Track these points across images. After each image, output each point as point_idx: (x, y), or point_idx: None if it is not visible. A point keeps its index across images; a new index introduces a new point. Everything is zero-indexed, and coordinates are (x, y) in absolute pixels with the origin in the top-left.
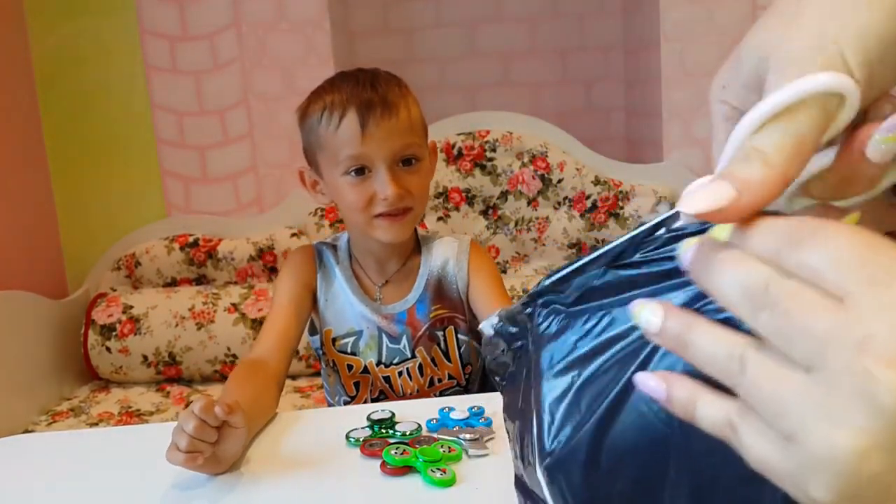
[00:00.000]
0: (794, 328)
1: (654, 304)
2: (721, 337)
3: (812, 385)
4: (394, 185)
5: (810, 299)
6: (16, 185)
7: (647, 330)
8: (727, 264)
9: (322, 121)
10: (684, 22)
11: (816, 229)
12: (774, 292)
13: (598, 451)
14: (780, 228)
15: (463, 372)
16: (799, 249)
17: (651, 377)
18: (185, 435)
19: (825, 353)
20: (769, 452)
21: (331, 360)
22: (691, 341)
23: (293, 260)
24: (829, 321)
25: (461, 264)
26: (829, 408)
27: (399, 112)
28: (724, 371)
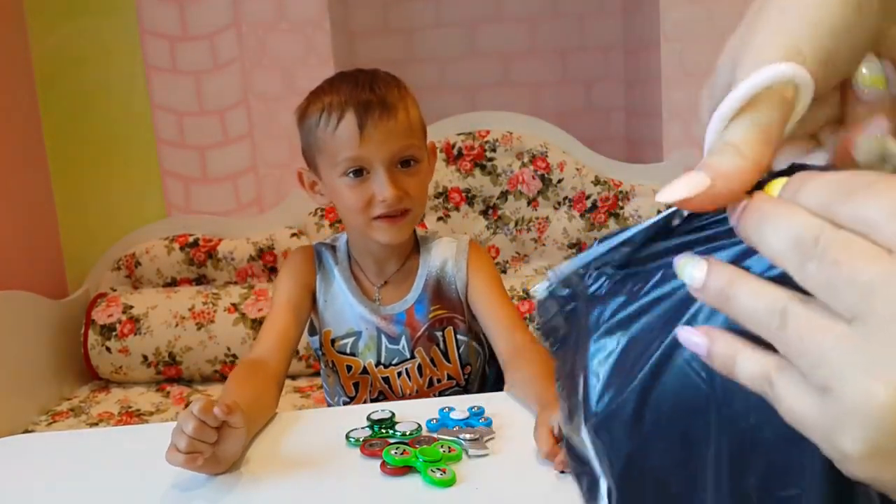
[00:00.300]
0: (841, 277)
1: (697, 259)
2: (763, 291)
3: (853, 335)
4: (392, 186)
5: (860, 249)
6: (16, 185)
7: (691, 285)
8: (779, 217)
9: (320, 122)
10: (684, 22)
11: (871, 182)
12: (824, 243)
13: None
14: (834, 181)
15: (462, 372)
16: (852, 201)
17: (693, 332)
18: (185, 436)
19: (870, 302)
20: (803, 404)
21: (330, 361)
22: (733, 296)
23: (292, 260)
24: (877, 269)
25: (460, 265)
26: (868, 358)
27: (398, 113)
28: (765, 325)
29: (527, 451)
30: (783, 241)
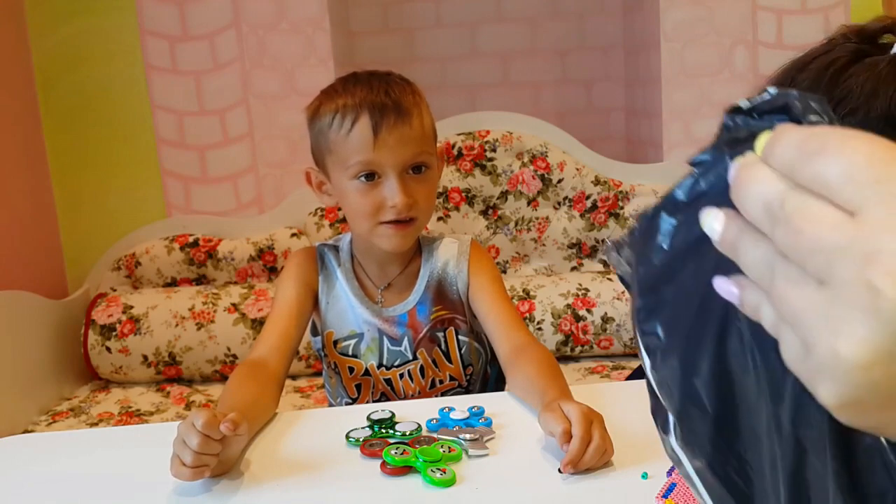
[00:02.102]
0: (806, 243)
1: (717, 211)
2: (761, 245)
3: (822, 297)
4: (403, 193)
5: (821, 215)
6: (16, 185)
7: (711, 237)
8: (751, 183)
9: (333, 124)
10: (684, 22)
11: (829, 139)
12: (789, 208)
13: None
14: (799, 139)
15: (464, 373)
16: (813, 162)
17: (727, 282)
18: (190, 451)
19: (833, 267)
20: (794, 357)
21: (332, 362)
22: (740, 248)
23: (295, 260)
24: (838, 236)
25: (461, 266)
26: (834, 319)
27: (412, 119)
28: (762, 279)
29: (527, 451)
30: (756, 205)
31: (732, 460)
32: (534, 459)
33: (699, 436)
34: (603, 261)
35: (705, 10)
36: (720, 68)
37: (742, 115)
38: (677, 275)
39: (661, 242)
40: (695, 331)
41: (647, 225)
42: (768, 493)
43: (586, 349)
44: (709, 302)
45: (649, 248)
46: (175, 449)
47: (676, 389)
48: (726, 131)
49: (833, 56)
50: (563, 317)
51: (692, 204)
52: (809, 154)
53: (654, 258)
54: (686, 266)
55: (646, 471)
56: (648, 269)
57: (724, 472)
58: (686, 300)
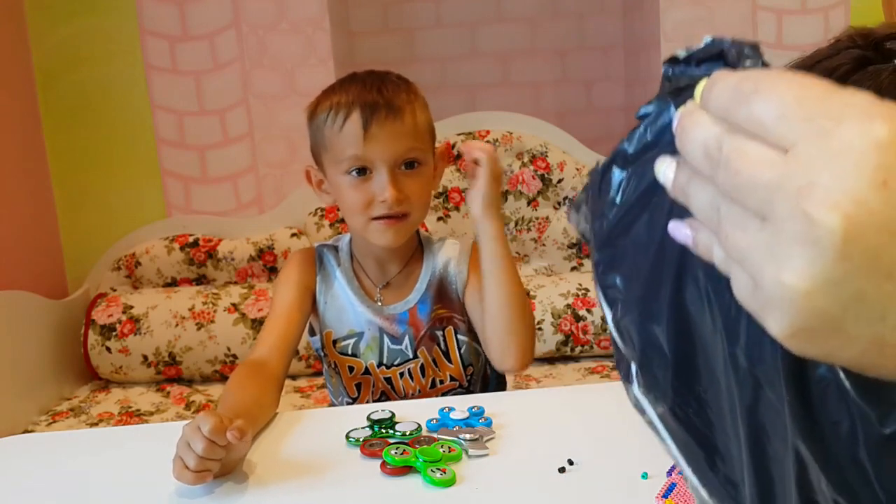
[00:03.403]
0: (744, 183)
1: (670, 159)
2: (707, 189)
3: (764, 233)
4: (393, 188)
5: (756, 154)
6: (16, 185)
7: (664, 183)
8: (690, 126)
9: (327, 120)
10: (684, 22)
11: (761, 82)
12: (726, 151)
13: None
14: (733, 83)
15: (464, 373)
16: (746, 104)
17: (680, 225)
18: (194, 455)
19: (771, 204)
20: (744, 294)
21: (332, 362)
22: (690, 192)
23: (293, 262)
24: (773, 173)
25: (461, 265)
26: (776, 252)
27: (404, 116)
28: (710, 221)
29: (527, 451)
30: (696, 150)
31: (693, 403)
32: (534, 459)
33: (660, 381)
34: None
35: (705, 10)
36: None
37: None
38: (632, 226)
39: (613, 196)
40: (652, 279)
41: (598, 180)
42: (728, 432)
43: (586, 349)
44: (664, 250)
45: (603, 202)
46: (179, 451)
47: (637, 337)
48: (667, 82)
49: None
50: (563, 317)
51: (640, 155)
52: (743, 96)
53: (608, 212)
54: (639, 217)
55: (646, 471)
56: (604, 223)
57: (686, 415)
58: (642, 250)
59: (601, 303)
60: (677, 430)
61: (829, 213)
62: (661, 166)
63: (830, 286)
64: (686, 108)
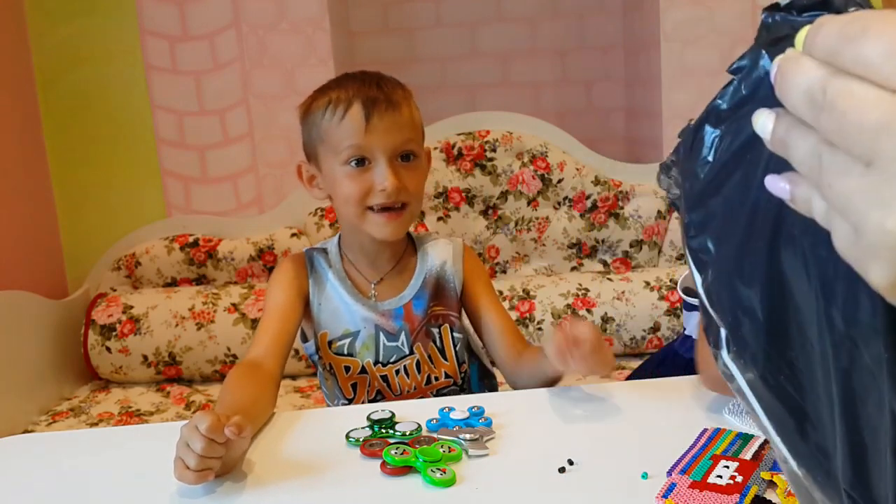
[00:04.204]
0: (850, 125)
1: (769, 111)
2: (808, 137)
3: (869, 178)
4: (393, 177)
5: (863, 95)
6: (16, 185)
7: (763, 135)
8: (792, 74)
9: (326, 113)
10: (684, 22)
11: (869, 21)
12: (831, 93)
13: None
14: (839, 25)
15: (459, 370)
16: (853, 45)
17: (778, 179)
18: (194, 454)
19: (878, 144)
20: (845, 244)
21: (328, 364)
22: (790, 143)
23: (283, 267)
24: (880, 113)
25: (457, 267)
26: (882, 195)
27: (401, 109)
28: (811, 171)
29: (527, 451)
30: (799, 96)
31: (785, 368)
32: (534, 459)
33: (751, 346)
34: (603, 261)
35: (705, 10)
36: (720, 68)
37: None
38: (724, 186)
39: (706, 155)
40: (745, 240)
41: (690, 139)
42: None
43: None
44: (758, 208)
45: (695, 162)
46: (178, 452)
47: (728, 301)
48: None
49: None
50: (563, 317)
51: (735, 111)
52: (850, 37)
53: (699, 172)
54: (732, 176)
55: (646, 471)
56: (695, 183)
57: (777, 381)
58: (735, 210)
59: (691, 267)
60: (767, 397)
61: None
62: (759, 118)
63: None
64: (787, 55)
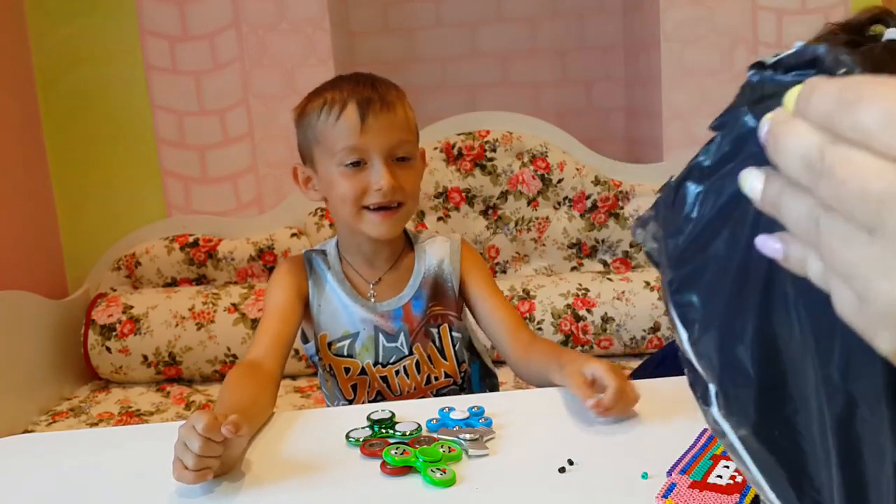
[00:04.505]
0: (851, 194)
1: (757, 171)
2: (804, 200)
3: (874, 247)
4: (389, 176)
5: (863, 163)
6: (16, 185)
7: (751, 196)
8: (787, 137)
9: (321, 114)
10: (684, 22)
11: (865, 88)
12: (829, 159)
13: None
14: (835, 90)
15: (458, 370)
16: (850, 112)
17: (770, 238)
18: (192, 454)
19: (882, 215)
20: (849, 310)
21: (327, 365)
22: (783, 204)
23: (283, 268)
24: (882, 183)
25: (454, 264)
26: (888, 266)
27: (396, 110)
28: (807, 234)
29: (527, 451)
30: (794, 160)
31: (779, 424)
32: (534, 459)
33: (743, 403)
34: (603, 261)
35: (705, 10)
36: (720, 68)
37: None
38: (711, 242)
39: (689, 212)
40: (735, 298)
41: (672, 196)
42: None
43: (586, 349)
44: (748, 267)
45: (678, 218)
46: (176, 452)
47: (717, 358)
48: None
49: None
50: (563, 317)
51: (718, 168)
52: (847, 104)
53: (683, 228)
54: (719, 233)
55: (646, 471)
56: (679, 239)
57: (771, 436)
58: (723, 267)
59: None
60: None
61: None
62: (747, 178)
63: None
64: (778, 117)
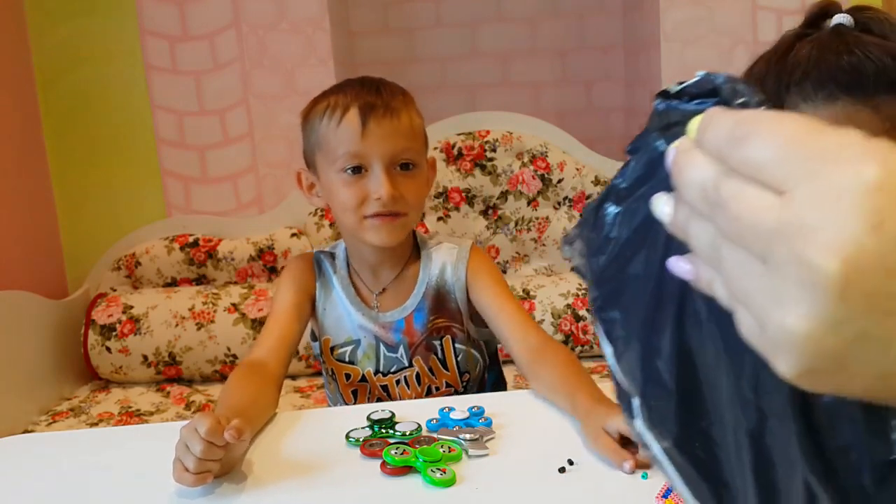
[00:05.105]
0: (744, 227)
1: (667, 196)
2: (707, 228)
3: (767, 276)
4: (388, 185)
5: (754, 198)
6: (16, 185)
7: (663, 220)
8: (686, 166)
9: (324, 119)
10: (684, 22)
11: (755, 124)
12: (723, 192)
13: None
14: (729, 124)
15: (461, 380)
16: (741, 147)
17: (681, 261)
18: (193, 457)
19: (772, 247)
20: (751, 333)
21: (330, 369)
22: (689, 231)
23: (293, 266)
24: (771, 218)
25: (459, 271)
26: (778, 296)
27: (401, 116)
28: (711, 260)
29: (527, 451)
30: (694, 192)
31: (698, 437)
32: (534, 459)
33: (665, 416)
34: None
35: (705, 10)
36: (720, 68)
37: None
38: (629, 262)
39: (608, 232)
40: (652, 315)
41: (593, 216)
42: (733, 465)
43: (586, 349)
44: (663, 285)
45: (599, 238)
46: (178, 453)
47: (639, 373)
48: (657, 117)
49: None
50: (563, 317)
51: (634, 190)
52: (738, 139)
53: (604, 248)
54: (637, 253)
55: (646, 471)
56: (600, 259)
57: (691, 449)
58: (641, 286)
59: (601, 338)
60: (683, 464)
61: (827, 258)
62: (658, 203)
63: (834, 328)
64: (681, 146)
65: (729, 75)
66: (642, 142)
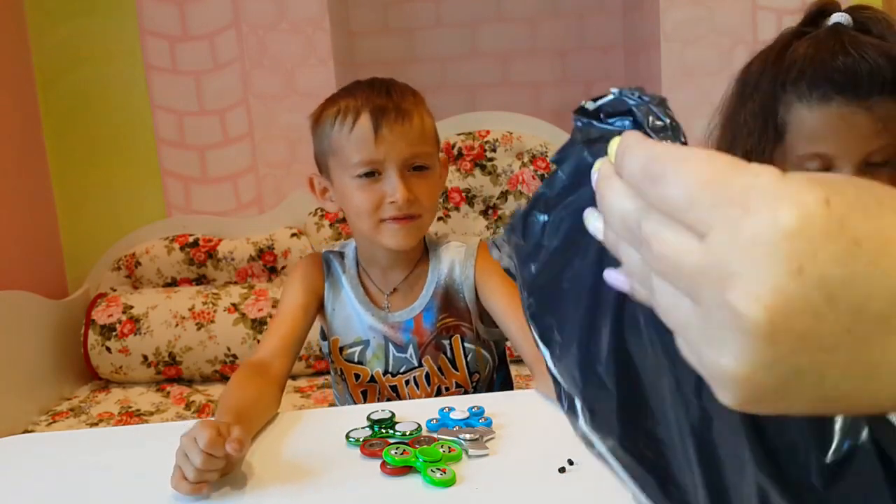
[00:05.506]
0: (668, 267)
1: (598, 214)
2: (635, 256)
3: (696, 315)
4: (404, 188)
5: (674, 240)
6: (16, 185)
7: (596, 236)
8: (608, 194)
9: (335, 124)
10: (684, 22)
11: (667, 164)
12: (645, 230)
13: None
14: (641, 161)
15: (470, 380)
16: (656, 186)
17: (616, 274)
18: (192, 468)
19: (698, 290)
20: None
21: (339, 369)
22: (621, 253)
23: (302, 266)
24: (694, 260)
25: (467, 270)
26: (710, 336)
27: (412, 118)
28: (643, 282)
29: (527, 451)
30: (617, 221)
31: (642, 437)
32: (534, 459)
33: (607, 417)
34: None
35: (705, 10)
36: (720, 68)
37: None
38: (562, 271)
39: (539, 240)
40: (589, 322)
41: (521, 225)
42: (682, 464)
43: None
44: (598, 294)
45: (529, 246)
46: (177, 460)
47: (579, 376)
48: (579, 133)
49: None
50: None
51: (560, 199)
52: (653, 177)
53: (535, 256)
54: (570, 262)
55: None
56: (532, 267)
57: (636, 448)
58: (574, 294)
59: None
60: (628, 461)
61: (751, 306)
62: (590, 220)
63: (767, 368)
64: (602, 171)
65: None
66: (569, 152)
